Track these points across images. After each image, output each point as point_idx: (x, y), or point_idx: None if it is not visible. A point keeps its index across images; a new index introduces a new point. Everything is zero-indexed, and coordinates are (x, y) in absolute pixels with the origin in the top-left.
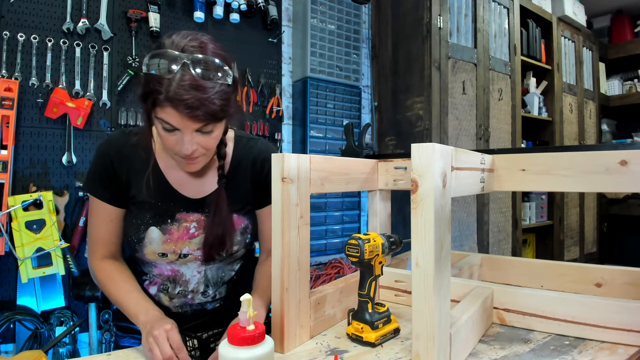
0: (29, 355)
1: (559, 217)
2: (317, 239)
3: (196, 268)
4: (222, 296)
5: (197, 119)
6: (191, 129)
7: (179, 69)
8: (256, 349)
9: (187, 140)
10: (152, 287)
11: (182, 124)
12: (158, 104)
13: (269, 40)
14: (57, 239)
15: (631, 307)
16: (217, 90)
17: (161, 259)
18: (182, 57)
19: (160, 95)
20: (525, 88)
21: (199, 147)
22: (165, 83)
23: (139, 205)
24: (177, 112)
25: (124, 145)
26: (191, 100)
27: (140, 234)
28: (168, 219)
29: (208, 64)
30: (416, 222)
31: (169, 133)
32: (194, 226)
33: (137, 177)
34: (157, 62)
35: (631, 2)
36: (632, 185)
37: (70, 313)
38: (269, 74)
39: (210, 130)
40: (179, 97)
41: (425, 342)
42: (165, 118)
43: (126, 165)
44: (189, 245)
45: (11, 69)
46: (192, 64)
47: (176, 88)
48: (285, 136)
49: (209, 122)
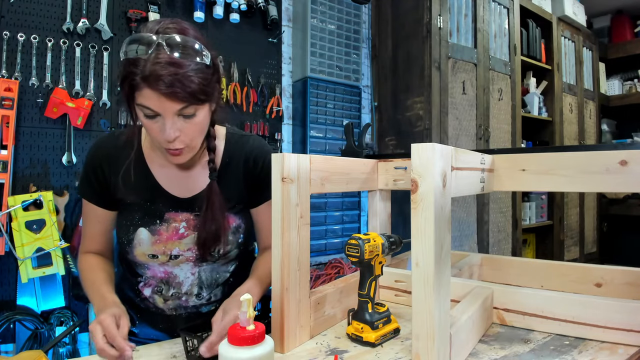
0: (29, 355)
1: (559, 217)
2: (317, 239)
3: (189, 269)
4: (218, 299)
5: (175, 97)
6: (171, 111)
7: (153, 49)
8: (256, 349)
9: (169, 125)
10: (147, 289)
11: (161, 106)
12: (136, 88)
13: (269, 40)
14: (57, 239)
15: (631, 307)
16: (194, 68)
17: (152, 261)
18: (157, 38)
19: (137, 77)
20: (525, 88)
21: (181, 135)
22: (141, 64)
23: (128, 207)
24: (154, 93)
25: (112, 148)
26: (167, 76)
27: (130, 235)
28: (157, 219)
29: (183, 43)
30: (416, 222)
31: (151, 120)
32: (183, 226)
33: (125, 178)
34: (134, 46)
35: (631, 2)
36: (632, 185)
37: (70, 313)
38: (269, 74)
39: (191, 113)
40: (155, 73)
41: (425, 342)
42: (144, 102)
43: (114, 168)
44: (179, 246)
45: (11, 69)
46: (166, 44)
47: (151, 66)
48: (285, 136)
49: (189, 102)
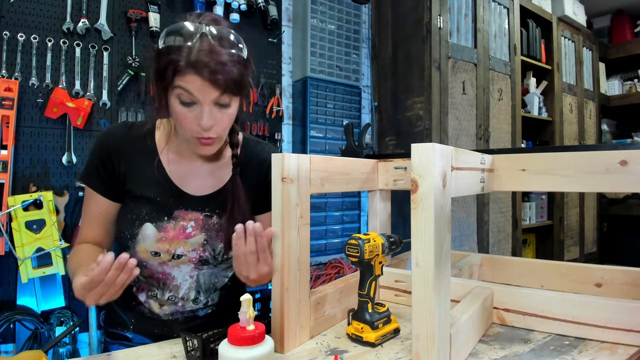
0: (29, 355)
1: (559, 217)
2: (317, 239)
3: (188, 272)
4: (215, 303)
5: (217, 84)
6: (210, 98)
7: (197, 38)
8: (256, 349)
9: (206, 112)
10: (141, 294)
11: (202, 92)
12: (179, 72)
13: (269, 40)
14: (57, 239)
15: (631, 307)
16: (235, 60)
17: (153, 259)
18: (200, 27)
19: (181, 62)
20: (525, 88)
21: (216, 125)
22: (186, 51)
23: (136, 200)
24: (199, 77)
25: (123, 138)
26: (212, 63)
27: (134, 230)
28: (165, 215)
29: (224, 35)
30: (416, 222)
31: (187, 108)
32: (191, 225)
33: (135, 171)
34: (175, 36)
35: (631, 2)
36: (632, 185)
37: (70, 313)
38: (269, 74)
39: (227, 102)
40: (201, 59)
41: (425, 342)
42: (186, 86)
43: (125, 158)
44: (184, 246)
45: (11, 69)
46: (210, 34)
47: (197, 53)
48: (285, 136)
49: (227, 90)
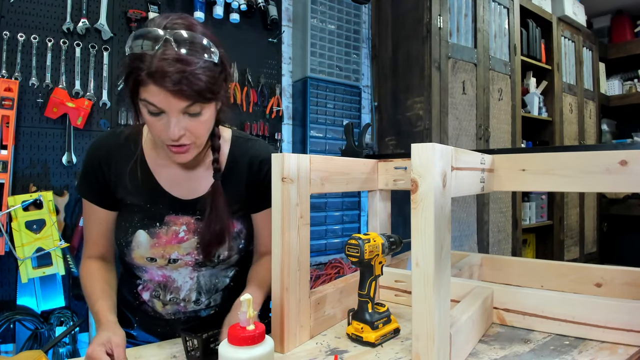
0: (29, 355)
1: (559, 217)
2: (317, 239)
3: (188, 274)
4: (217, 303)
5: (181, 95)
6: (177, 109)
7: (160, 45)
8: (256, 349)
9: (174, 123)
10: (145, 293)
11: (166, 103)
12: (141, 83)
13: (269, 40)
14: (57, 239)
15: (631, 307)
16: (202, 65)
17: (150, 264)
18: (164, 33)
19: (142, 72)
20: (525, 88)
21: (187, 133)
22: (147, 59)
23: (128, 208)
24: (160, 89)
25: (112, 146)
26: (174, 73)
27: (128, 237)
28: (157, 222)
29: (191, 40)
30: (416, 222)
31: (155, 118)
32: (183, 230)
33: (124, 178)
34: (140, 41)
35: (631, 2)
36: (632, 185)
37: (70, 313)
38: (269, 74)
39: (197, 112)
40: (162, 69)
41: (425, 342)
42: (148, 98)
43: (114, 167)
44: (178, 250)
45: (11, 69)
46: (174, 39)
47: (158, 62)
48: (285, 136)
49: (195, 100)
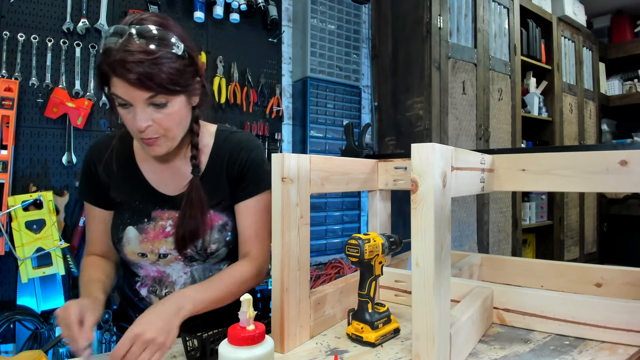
0: (29, 355)
1: (559, 217)
2: (317, 239)
3: (181, 269)
4: None
5: (142, 85)
6: (140, 99)
7: (124, 39)
8: (256, 349)
9: (139, 113)
10: (143, 289)
11: (129, 94)
12: (107, 75)
13: (269, 40)
14: (57, 239)
15: (631, 307)
16: (164, 56)
17: (142, 260)
18: (129, 28)
19: (106, 65)
20: (525, 88)
21: (154, 124)
22: (112, 53)
23: (119, 206)
24: (121, 81)
25: (104, 148)
26: (132, 64)
27: (119, 234)
28: (145, 217)
29: (152, 33)
30: (416, 222)
31: (124, 110)
32: (169, 224)
33: (116, 177)
34: (109, 38)
35: (631, 2)
36: (632, 185)
37: None
38: (269, 74)
39: (162, 102)
40: (121, 60)
41: (425, 342)
42: (115, 91)
43: (107, 169)
44: (166, 245)
45: (11, 69)
46: (137, 33)
47: (119, 54)
48: (285, 136)
49: (157, 91)
